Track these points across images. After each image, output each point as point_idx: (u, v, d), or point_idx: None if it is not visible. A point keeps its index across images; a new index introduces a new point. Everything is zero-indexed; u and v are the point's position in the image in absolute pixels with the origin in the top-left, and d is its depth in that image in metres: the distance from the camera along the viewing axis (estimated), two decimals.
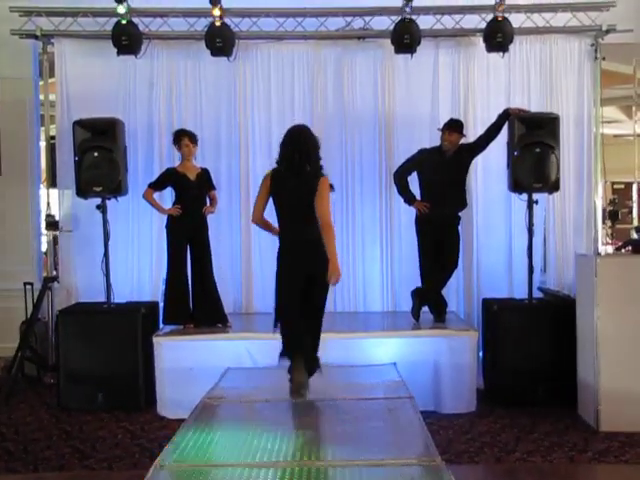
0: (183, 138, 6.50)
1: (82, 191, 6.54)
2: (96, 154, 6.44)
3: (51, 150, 7.43)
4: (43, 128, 7.68)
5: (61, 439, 5.54)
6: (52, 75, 7.36)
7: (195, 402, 4.79)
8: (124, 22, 6.79)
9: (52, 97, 7.41)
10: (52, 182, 7.44)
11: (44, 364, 7.20)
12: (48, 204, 7.46)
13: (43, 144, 7.66)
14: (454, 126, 6.50)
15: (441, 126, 6.58)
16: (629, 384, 5.51)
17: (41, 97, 7.66)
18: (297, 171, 4.87)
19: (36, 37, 7.20)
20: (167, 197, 6.90)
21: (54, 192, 7.41)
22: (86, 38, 7.21)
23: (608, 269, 5.58)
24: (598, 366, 5.54)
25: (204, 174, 6.63)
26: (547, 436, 5.48)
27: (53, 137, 7.42)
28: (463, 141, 6.62)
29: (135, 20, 6.92)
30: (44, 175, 7.68)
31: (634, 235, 7.66)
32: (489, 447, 5.26)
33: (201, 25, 7.10)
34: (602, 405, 5.53)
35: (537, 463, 4.98)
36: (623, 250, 8.44)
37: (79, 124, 6.52)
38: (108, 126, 6.54)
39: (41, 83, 7.62)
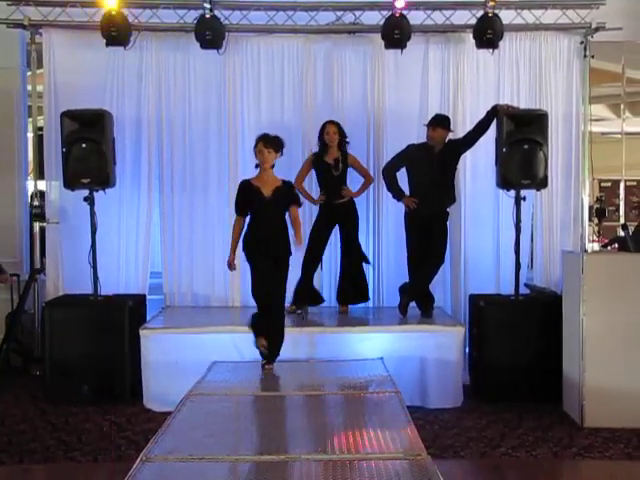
0: (257, 143, 5.71)
1: (70, 183, 6.52)
2: (84, 146, 6.41)
3: (39, 141, 7.37)
4: (31, 119, 7.61)
5: (46, 431, 5.53)
6: (40, 66, 7.30)
7: (181, 395, 4.79)
8: (113, 13, 6.74)
9: (40, 88, 7.35)
10: (39, 173, 7.39)
11: (30, 356, 7.17)
12: (35, 195, 7.42)
13: (30, 135, 7.60)
14: (438, 122, 6.50)
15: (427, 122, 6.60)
16: (614, 380, 5.55)
17: (29, 88, 7.60)
18: None
19: (24, 27, 7.14)
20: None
21: (41, 183, 7.37)
22: (75, 29, 7.15)
23: (594, 266, 5.61)
24: (583, 362, 5.57)
25: (283, 189, 5.74)
26: (532, 431, 5.52)
27: (41, 128, 7.36)
28: (451, 137, 6.63)
29: (124, 11, 6.87)
30: (31, 166, 7.63)
31: (620, 233, 7.70)
32: (474, 442, 5.29)
33: (191, 17, 7.06)
34: (587, 401, 5.57)
35: (522, 458, 5.01)
36: (609, 247, 8.51)
37: (67, 115, 6.48)
38: (96, 118, 6.51)
39: (29, 74, 7.56)
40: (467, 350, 6.68)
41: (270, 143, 5.64)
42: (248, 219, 5.75)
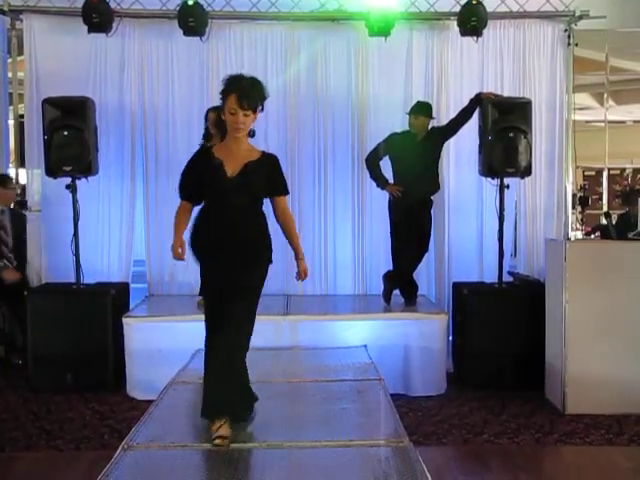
0: (228, 96, 3.80)
1: (51, 171, 6.46)
2: (66, 133, 6.34)
3: (20, 129, 7.30)
4: (12, 107, 7.54)
5: (29, 420, 5.50)
6: (21, 52, 7.21)
7: (165, 383, 4.78)
8: None
9: (21, 75, 7.27)
10: (21, 162, 7.33)
11: (12, 345, 7.13)
12: (17, 183, 7.34)
13: (12, 123, 7.53)
14: (420, 110, 6.49)
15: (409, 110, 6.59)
16: (595, 367, 5.59)
17: (9, 75, 7.51)
18: None
19: (4, 12, 7.04)
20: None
21: (23, 172, 7.30)
22: (56, 15, 7.05)
23: (577, 254, 5.63)
24: (565, 350, 5.61)
25: (261, 164, 3.87)
26: (514, 418, 5.55)
27: (22, 116, 7.28)
28: (435, 124, 6.63)
29: None
30: (13, 155, 7.56)
31: (603, 221, 7.75)
32: (457, 429, 5.32)
33: (173, 4, 6.98)
34: (568, 388, 5.60)
35: (504, 445, 5.04)
36: (592, 235, 8.57)
37: (48, 102, 6.41)
38: (78, 105, 6.45)
39: (9, 60, 7.47)
40: (450, 338, 6.71)
41: (249, 99, 3.76)
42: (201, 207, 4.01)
